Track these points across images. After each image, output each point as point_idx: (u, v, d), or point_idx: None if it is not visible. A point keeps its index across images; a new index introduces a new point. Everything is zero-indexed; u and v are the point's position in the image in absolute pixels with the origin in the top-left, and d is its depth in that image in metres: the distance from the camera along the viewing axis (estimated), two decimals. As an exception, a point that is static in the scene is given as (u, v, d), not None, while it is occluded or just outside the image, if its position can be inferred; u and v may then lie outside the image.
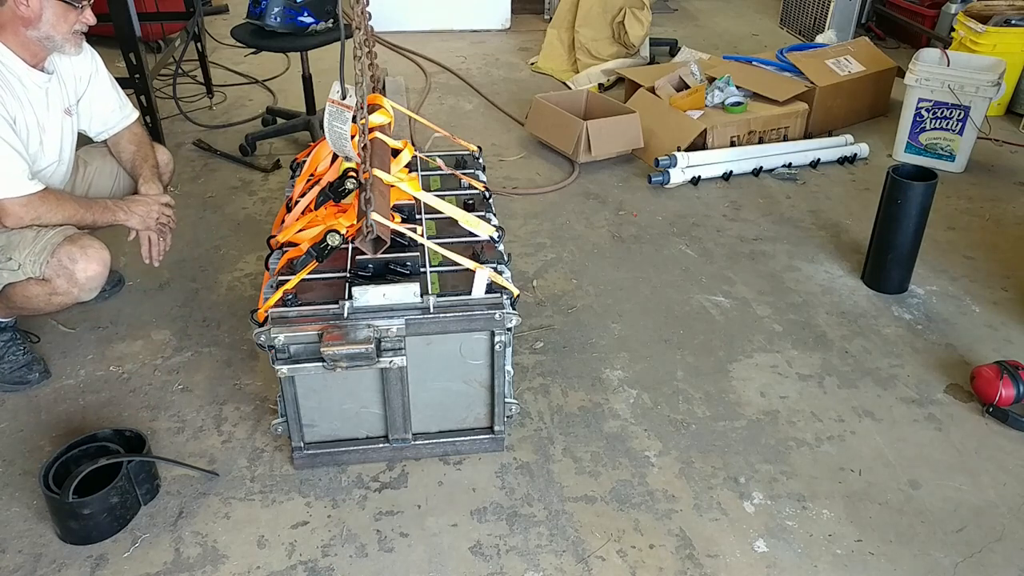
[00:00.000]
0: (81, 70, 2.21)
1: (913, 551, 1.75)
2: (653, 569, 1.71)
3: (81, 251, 1.98)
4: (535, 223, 3.02)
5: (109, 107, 2.29)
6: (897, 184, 2.48)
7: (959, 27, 3.88)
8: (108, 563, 1.70)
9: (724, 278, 2.70)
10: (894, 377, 2.26)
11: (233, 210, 3.07)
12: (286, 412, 1.85)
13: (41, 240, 1.97)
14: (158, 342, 2.34)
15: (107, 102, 2.29)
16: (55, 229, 2.01)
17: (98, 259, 2.02)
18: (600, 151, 3.38)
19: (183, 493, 1.87)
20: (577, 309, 2.53)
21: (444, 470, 1.94)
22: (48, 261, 1.96)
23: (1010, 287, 2.67)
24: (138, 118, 2.38)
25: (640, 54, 4.47)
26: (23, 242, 1.97)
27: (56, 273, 1.97)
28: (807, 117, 3.65)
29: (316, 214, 1.99)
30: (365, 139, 1.81)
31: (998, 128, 3.78)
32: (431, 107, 4.08)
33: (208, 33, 4.43)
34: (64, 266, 1.97)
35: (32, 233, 1.99)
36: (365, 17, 1.80)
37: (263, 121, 3.78)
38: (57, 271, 1.97)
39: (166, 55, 3.69)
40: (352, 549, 1.74)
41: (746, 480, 1.92)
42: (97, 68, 2.26)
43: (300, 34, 3.16)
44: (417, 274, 1.83)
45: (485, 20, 5.29)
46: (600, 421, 2.09)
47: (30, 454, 1.96)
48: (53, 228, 2.01)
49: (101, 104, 2.28)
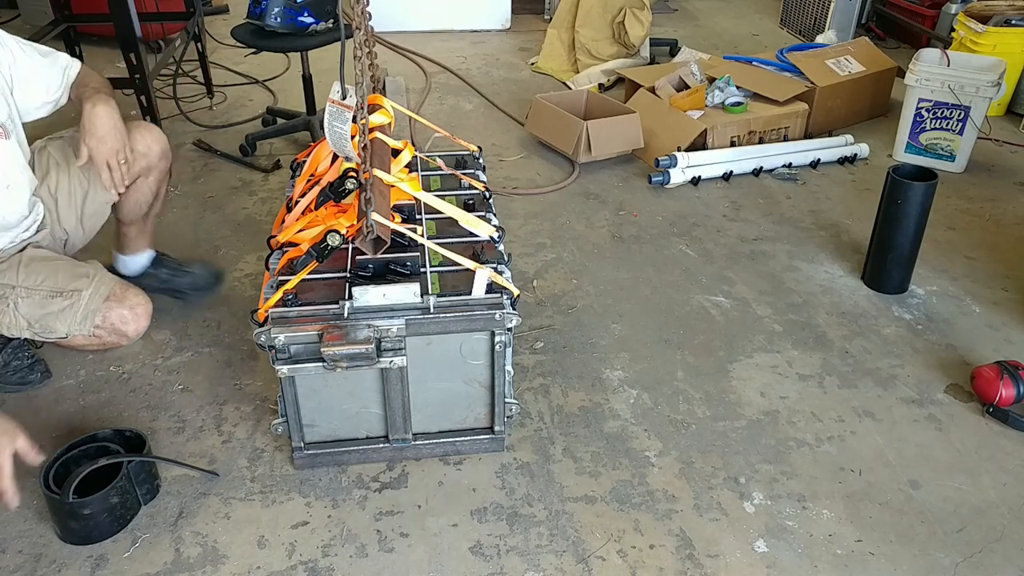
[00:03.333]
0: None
1: (913, 551, 1.75)
2: (653, 569, 1.71)
3: (131, 312, 2.01)
4: (535, 223, 3.02)
5: (44, 81, 2.02)
6: (897, 184, 2.48)
7: (959, 27, 3.88)
8: (108, 563, 1.70)
9: (724, 278, 2.70)
10: (894, 377, 2.26)
11: (233, 210, 3.07)
12: (286, 412, 1.85)
13: (80, 308, 1.94)
14: (158, 342, 2.34)
15: (41, 78, 2.01)
16: (89, 291, 1.95)
17: (146, 315, 2.05)
18: (600, 151, 3.38)
19: (183, 493, 1.87)
20: (577, 309, 2.53)
21: (444, 470, 1.94)
22: (97, 325, 1.96)
23: (1010, 287, 2.67)
24: (80, 67, 2.09)
25: (640, 54, 4.47)
26: (61, 315, 1.94)
27: (107, 332, 2.00)
28: (807, 117, 3.65)
29: (316, 214, 1.99)
30: (365, 139, 1.81)
31: (998, 128, 3.78)
32: (431, 107, 4.08)
33: (208, 33, 4.43)
34: (116, 328, 2.00)
35: (61, 303, 1.93)
36: (365, 17, 1.80)
37: (263, 121, 3.78)
38: (108, 332, 1.99)
39: (166, 55, 3.69)
40: (352, 549, 1.74)
41: (746, 480, 1.92)
42: (13, 55, 1.97)
43: (300, 34, 3.16)
44: (417, 274, 1.83)
45: (485, 20, 5.29)
46: (600, 421, 2.09)
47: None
48: (87, 289, 1.95)
49: (36, 84, 2.01)
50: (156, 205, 2.35)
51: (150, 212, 2.35)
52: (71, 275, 1.99)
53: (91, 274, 2.01)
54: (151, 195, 2.29)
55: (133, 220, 2.32)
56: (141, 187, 2.23)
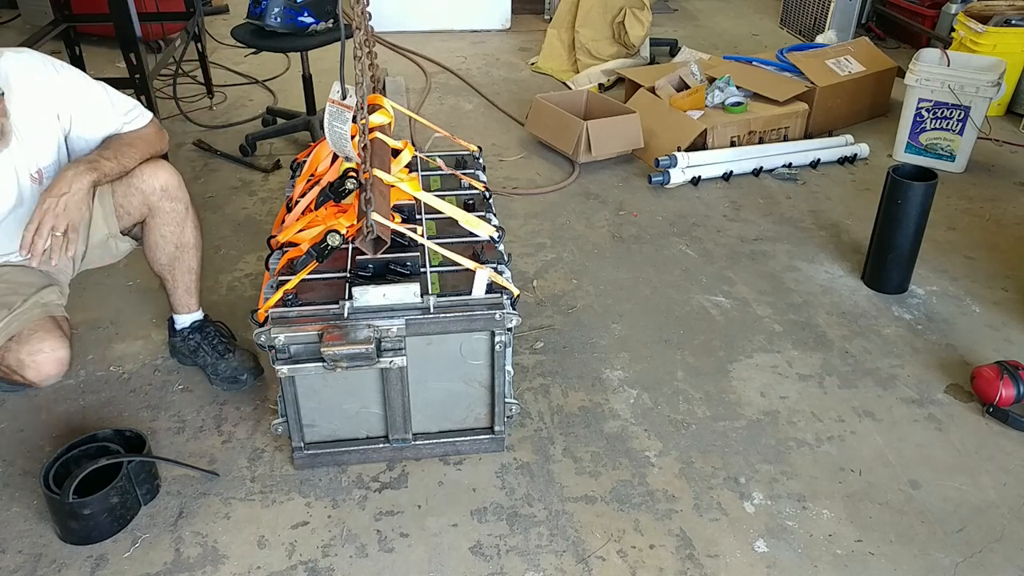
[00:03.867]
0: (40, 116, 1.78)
1: (913, 551, 1.75)
2: (653, 569, 1.71)
3: (30, 358, 1.80)
4: (535, 223, 3.02)
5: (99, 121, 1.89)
6: (897, 184, 2.48)
7: (959, 27, 3.88)
8: (108, 563, 1.70)
9: (724, 278, 2.70)
10: (894, 377, 2.26)
11: (233, 210, 3.07)
12: (286, 412, 1.85)
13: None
14: (158, 342, 2.34)
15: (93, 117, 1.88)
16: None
17: (51, 363, 1.82)
18: (600, 151, 3.38)
19: (183, 493, 1.87)
20: (577, 309, 2.53)
21: (444, 470, 1.94)
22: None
23: (1010, 287, 2.67)
24: (147, 124, 1.98)
25: (640, 54, 4.47)
26: None
27: (8, 371, 1.83)
28: (807, 117, 3.65)
29: (316, 214, 1.99)
30: (365, 139, 1.81)
31: (998, 128, 3.78)
32: (431, 107, 4.08)
33: (208, 33, 4.43)
34: (13, 369, 1.81)
35: None
36: (365, 17, 1.80)
37: (263, 121, 3.78)
38: (8, 371, 1.82)
39: (166, 55, 3.69)
40: (352, 549, 1.74)
41: (746, 480, 1.92)
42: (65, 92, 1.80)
43: (300, 34, 3.16)
44: (417, 274, 1.83)
45: (485, 20, 5.29)
46: (600, 421, 2.09)
47: (30, 454, 1.96)
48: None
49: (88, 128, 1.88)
50: (185, 258, 2.07)
51: (177, 265, 2.07)
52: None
53: (15, 305, 1.83)
54: (170, 244, 2.02)
55: (160, 272, 2.08)
56: (152, 232, 2.00)
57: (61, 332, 1.88)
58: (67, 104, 1.84)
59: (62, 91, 1.83)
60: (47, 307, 1.90)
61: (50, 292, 1.94)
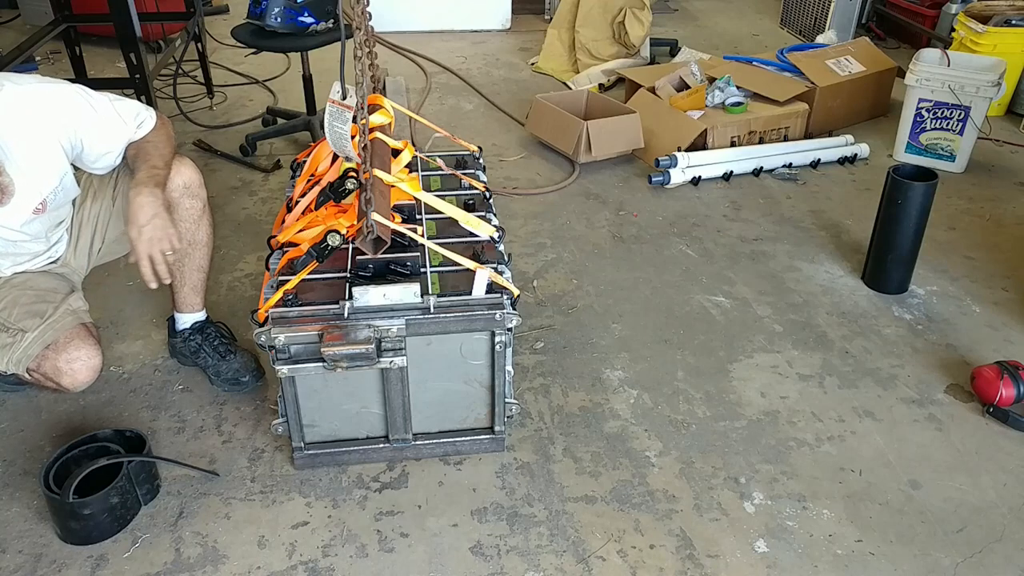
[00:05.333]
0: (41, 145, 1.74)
1: (913, 551, 1.75)
2: (653, 569, 1.71)
3: (67, 366, 1.80)
4: (535, 223, 3.02)
5: (110, 137, 1.86)
6: (897, 184, 2.48)
7: (959, 27, 3.88)
8: (108, 563, 1.70)
9: (724, 278, 2.70)
10: (894, 377, 2.26)
11: (233, 210, 3.08)
12: (286, 412, 1.85)
13: (18, 350, 1.78)
14: (158, 342, 2.34)
15: (104, 136, 1.84)
16: (34, 333, 1.78)
17: (86, 370, 1.82)
18: (600, 151, 3.38)
19: (183, 493, 1.87)
20: (577, 309, 2.53)
21: (444, 470, 1.94)
22: (31, 370, 1.79)
23: (1011, 287, 2.67)
24: (149, 130, 1.94)
25: (640, 54, 4.47)
26: (1, 350, 1.79)
27: (43, 378, 1.82)
28: (807, 117, 3.65)
29: (316, 214, 1.99)
30: (365, 139, 1.81)
31: (998, 128, 3.78)
32: (431, 107, 4.08)
33: (208, 33, 4.43)
34: (49, 377, 1.81)
35: (4, 338, 1.79)
36: (365, 17, 1.80)
37: (263, 121, 3.78)
38: (43, 378, 1.82)
39: (166, 55, 3.69)
40: (352, 549, 1.74)
41: (746, 480, 1.92)
42: (68, 119, 1.76)
43: (300, 34, 3.16)
44: (417, 274, 1.83)
45: (485, 20, 5.29)
46: (600, 421, 2.09)
47: (30, 454, 1.97)
48: (32, 332, 1.78)
49: (100, 146, 1.86)
50: (196, 256, 2.06)
51: (187, 262, 2.06)
52: (27, 310, 1.83)
53: (47, 314, 1.83)
54: (183, 241, 1.99)
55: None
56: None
57: (94, 339, 1.87)
58: (73, 131, 1.79)
59: (63, 121, 1.77)
60: (77, 314, 1.89)
61: (76, 299, 1.93)
